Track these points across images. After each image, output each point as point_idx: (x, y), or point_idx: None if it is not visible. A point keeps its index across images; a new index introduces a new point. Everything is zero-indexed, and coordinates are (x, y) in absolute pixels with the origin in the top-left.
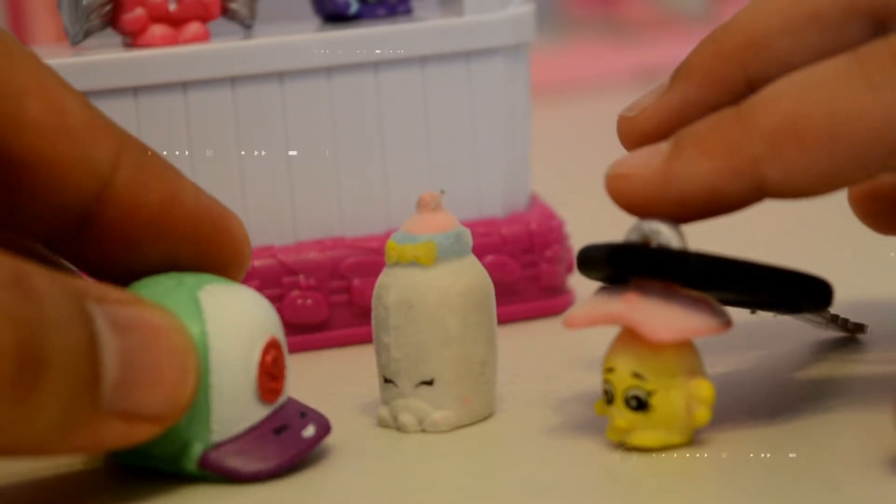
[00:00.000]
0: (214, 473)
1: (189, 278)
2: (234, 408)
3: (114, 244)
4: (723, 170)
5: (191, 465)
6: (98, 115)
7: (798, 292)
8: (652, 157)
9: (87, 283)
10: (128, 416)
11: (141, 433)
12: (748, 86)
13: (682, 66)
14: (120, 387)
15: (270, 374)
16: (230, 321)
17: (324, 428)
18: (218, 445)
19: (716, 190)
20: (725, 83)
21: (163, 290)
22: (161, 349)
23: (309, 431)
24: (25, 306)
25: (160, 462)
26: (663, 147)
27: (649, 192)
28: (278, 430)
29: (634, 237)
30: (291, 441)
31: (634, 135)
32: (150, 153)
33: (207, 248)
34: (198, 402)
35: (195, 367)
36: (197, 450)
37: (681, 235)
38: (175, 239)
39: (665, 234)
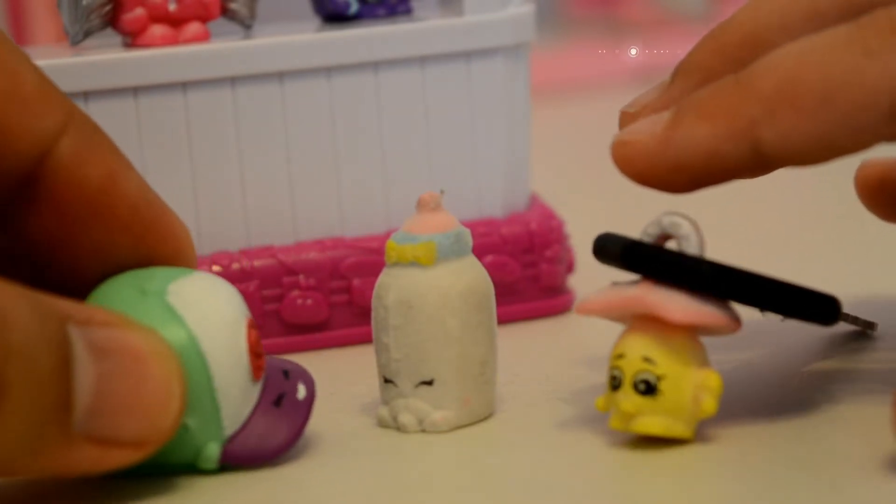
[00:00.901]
0: (237, 465)
1: (147, 283)
2: (238, 398)
3: (51, 219)
4: (720, 133)
5: (211, 464)
6: (52, 87)
7: (805, 309)
8: (654, 124)
9: (72, 306)
10: (102, 442)
11: (118, 458)
12: None
13: (683, 63)
14: (94, 412)
15: (256, 353)
16: (211, 317)
17: (309, 382)
18: (232, 438)
19: (713, 153)
20: None
21: (130, 303)
22: (142, 375)
23: (301, 392)
24: None
25: (175, 469)
26: (665, 115)
27: (650, 158)
28: (277, 401)
29: (653, 231)
30: (292, 408)
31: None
32: (99, 132)
33: (146, 242)
34: (207, 406)
35: (180, 393)
36: (214, 450)
37: (699, 232)
38: (113, 224)
39: (685, 227)
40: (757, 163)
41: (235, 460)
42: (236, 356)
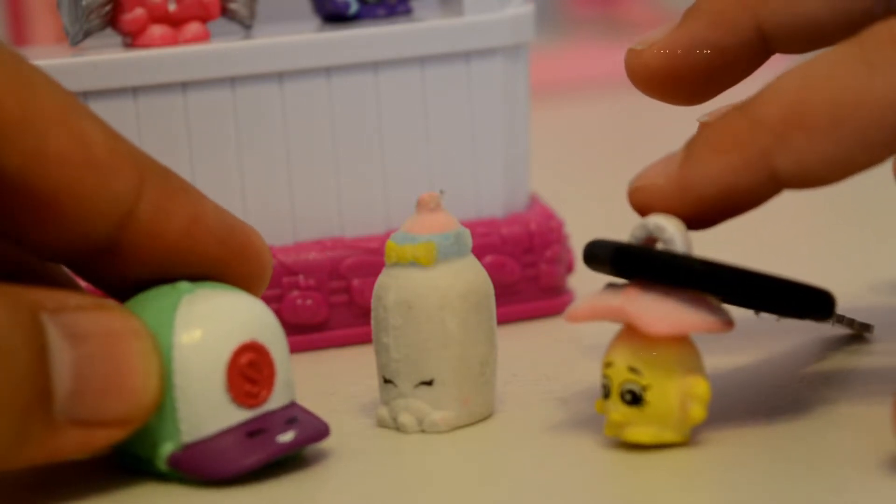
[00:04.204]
0: (182, 473)
1: (188, 284)
2: (201, 408)
3: (138, 269)
4: (735, 165)
5: (161, 464)
6: (120, 142)
7: (799, 303)
8: (667, 165)
9: (43, 294)
10: (86, 424)
11: (102, 439)
12: (757, 31)
13: (694, 6)
14: (75, 396)
15: (246, 377)
16: (200, 322)
17: (311, 435)
18: (188, 446)
19: (731, 186)
20: (734, 26)
21: (154, 294)
22: (120, 354)
23: (286, 437)
24: None
25: (137, 461)
26: (677, 155)
27: (668, 201)
28: (252, 434)
29: (640, 234)
30: (262, 444)
31: (640, 69)
32: (172, 178)
33: (232, 266)
34: (164, 401)
35: (157, 370)
36: (167, 449)
37: (685, 233)
38: (200, 260)
39: (669, 230)
40: (774, 190)
41: (180, 468)
42: (208, 365)
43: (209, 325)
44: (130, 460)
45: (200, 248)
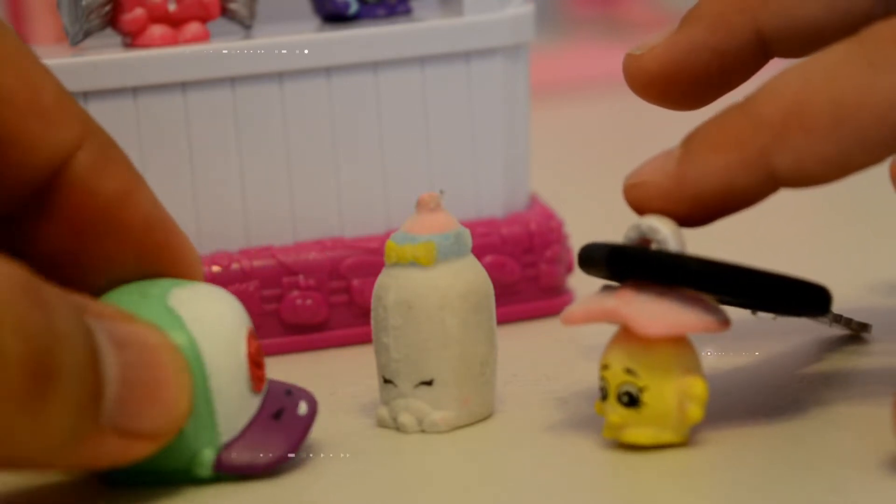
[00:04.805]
0: (231, 473)
1: (150, 288)
2: (235, 406)
3: (63, 230)
4: (733, 163)
5: (205, 471)
6: (70, 99)
7: (795, 298)
8: (665, 162)
9: (85, 299)
10: (125, 433)
11: (137, 450)
12: (756, 34)
13: (693, 10)
14: (119, 402)
15: (256, 363)
16: (211, 322)
17: (311, 402)
18: (227, 446)
19: (728, 184)
20: (734, 30)
21: (131, 305)
22: (158, 366)
23: (302, 409)
24: (38, 317)
25: (168, 476)
26: (675, 151)
27: (666, 198)
28: (276, 415)
29: (633, 235)
30: (292, 423)
31: (639, 73)
32: (116, 149)
33: (155, 258)
34: (202, 409)
35: (188, 385)
36: (209, 456)
37: (678, 233)
38: (124, 238)
39: (662, 231)
40: (772, 188)
41: (229, 469)
42: (235, 362)
43: (222, 325)
44: (157, 478)
45: (128, 224)
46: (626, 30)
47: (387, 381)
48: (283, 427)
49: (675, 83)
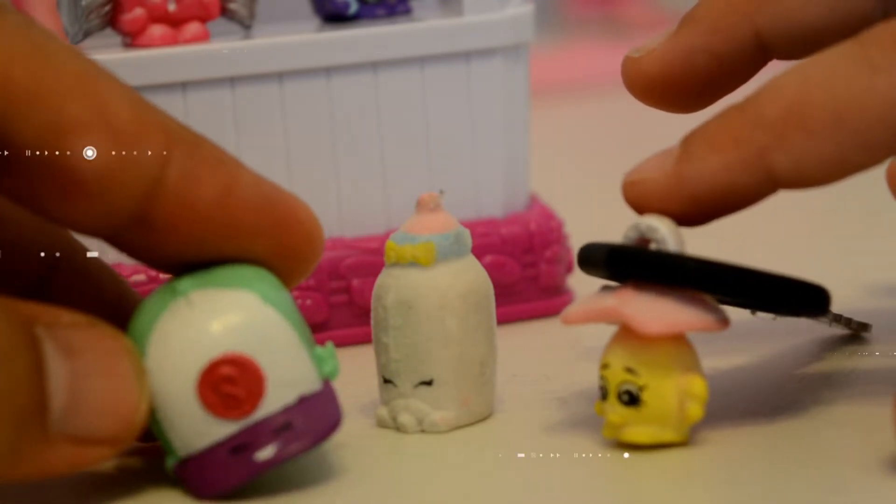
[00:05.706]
0: (183, 486)
1: (185, 284)
2: (182, 425)
3: (170, 240)
4: (732, 162)
5: (170, 472)
6: (146, 110)
7: (794, 298)
8: (664, 160)
9: (38, 308)
10: (79, 440)
11: (93, 456)
12: (755, 37)
13: (691, 13)
14: (69, 411)
15: (221, 393)
16: (172, 336)
17: (302, 446)
18: (185, 460)
19: (727, 184)
20: (732, 33)
21: (152, 298)
22: (114, 372)
23: (266, 453)
24: None
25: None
26: (674, 150)
27: (664, 196)
28: (236, 449)
29: (632, 235)
30: (242, 463)
31: (638, 76)
32: (206, 147)
33: (273, 239)
34: (152, 418)
35: (147, 389)
36: (170, 462)
37: (677, 233)
38: (235, 233)
39: (661, 231)
40: (771, 189)
41: (184, 482)
42: (176, 386)
43: (182, 341)
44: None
45: (235, 219)
46: (625, 30)
47: (386, 381)
48: (233, 464)
49: (673, 86)
